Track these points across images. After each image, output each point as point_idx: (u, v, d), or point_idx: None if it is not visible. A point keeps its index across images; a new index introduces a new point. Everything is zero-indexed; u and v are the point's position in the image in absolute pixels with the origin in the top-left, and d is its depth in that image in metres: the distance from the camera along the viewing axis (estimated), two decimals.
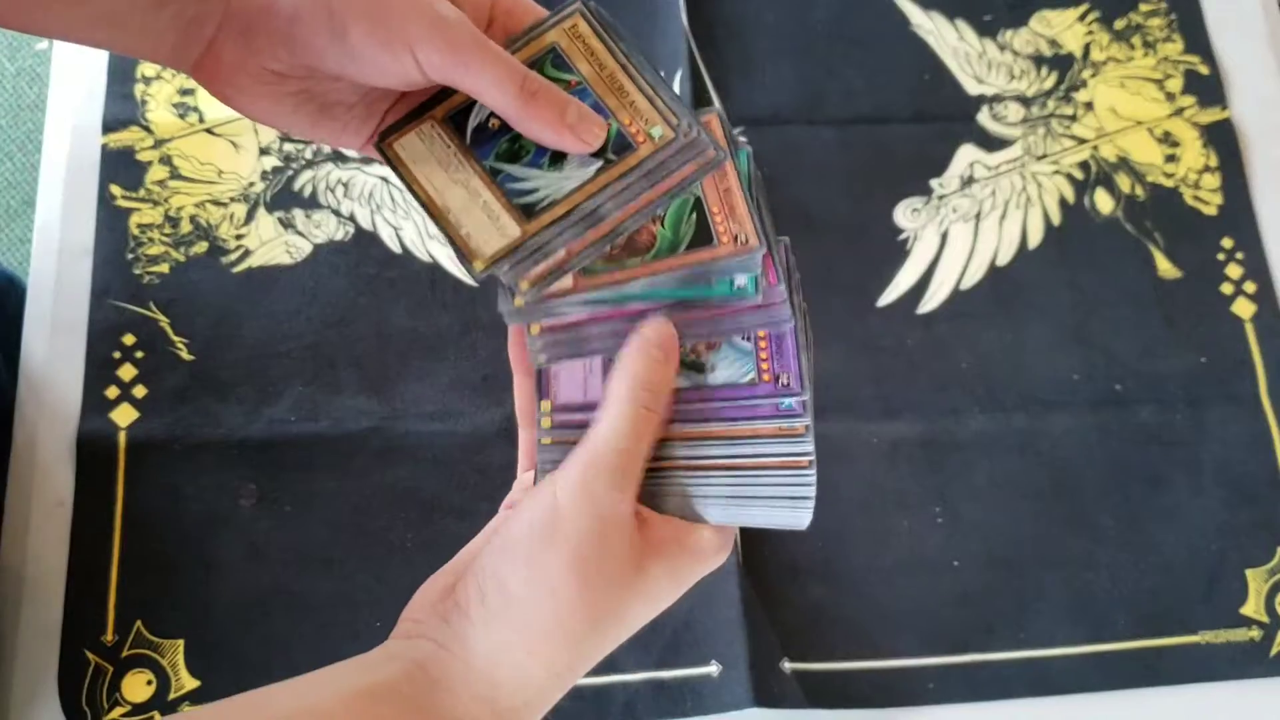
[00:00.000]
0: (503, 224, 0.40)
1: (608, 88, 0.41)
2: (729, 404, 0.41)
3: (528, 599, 0.38)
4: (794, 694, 0.61)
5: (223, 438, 0.64)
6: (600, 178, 0.40)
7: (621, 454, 0.39)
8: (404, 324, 0.67)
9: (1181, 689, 0.64)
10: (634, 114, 0.41)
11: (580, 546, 0.38)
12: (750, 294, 0.40)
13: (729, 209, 0.41)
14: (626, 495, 0.39)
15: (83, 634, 0.60)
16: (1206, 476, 0.68)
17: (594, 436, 0.39)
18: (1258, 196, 0.74)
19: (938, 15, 0.78)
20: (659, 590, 0.40)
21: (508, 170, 0.40)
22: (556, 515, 0.38)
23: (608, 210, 0.40)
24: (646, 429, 0.40)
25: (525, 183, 0.40)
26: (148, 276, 0.67)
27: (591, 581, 0.38)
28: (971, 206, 0.73)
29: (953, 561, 0.65)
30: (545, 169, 0.40)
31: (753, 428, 0.41)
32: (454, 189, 0.41)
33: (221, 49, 0.39)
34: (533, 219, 0.39)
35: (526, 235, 0.39)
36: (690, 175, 0.40)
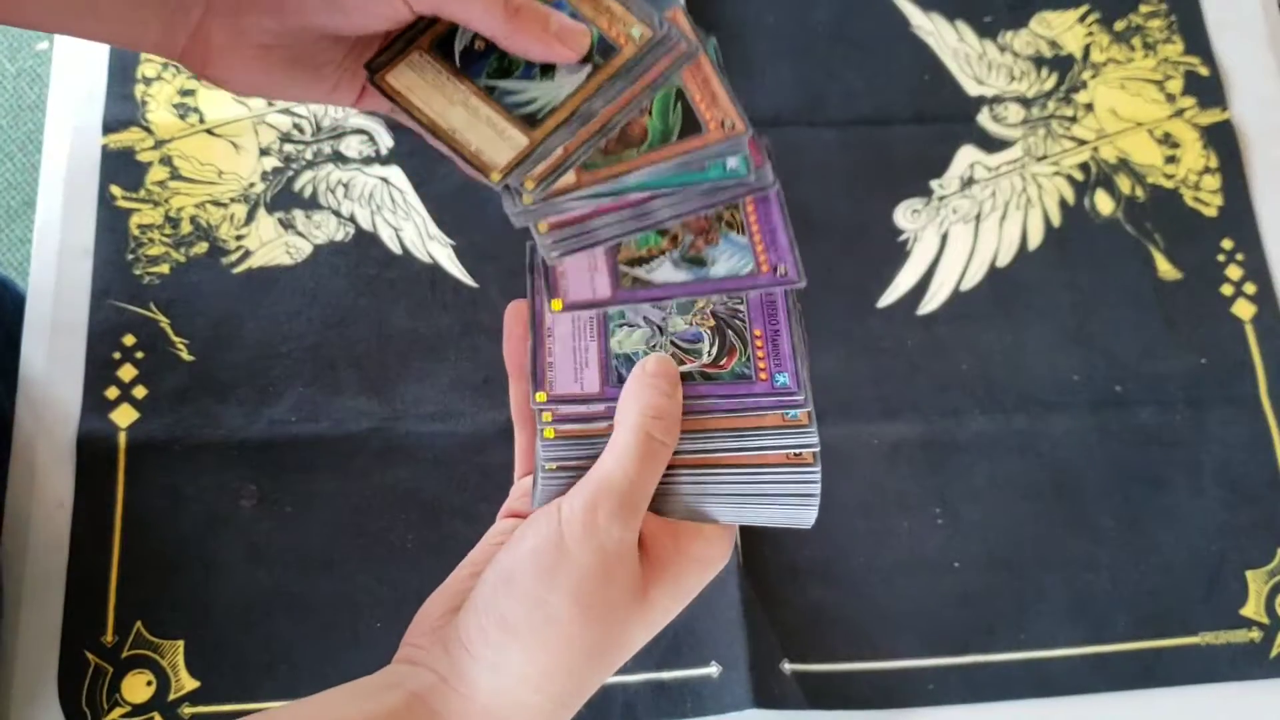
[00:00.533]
0: (509, 135, 0.41)
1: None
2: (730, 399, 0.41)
3: (530, 636, 0.37)
4: (794, 695, 0.61)
5: (223, 438, 0.64)
6: (592, 81, 0.42)
7: (630, 486, 0.38)
8: (404, 325, 0.67)
9: (1182, 690, 0.64)
10: (611, 18, 0.43)
11: (584, 581, 0.37)
12: (743, 174, 0.42)
13: (710, 97, 0.43)
14: (632, 528, 0.38)
15: (83, 635, 0.60)
16: (1206, 478, 0.68)
17: (602, 467, 0.39)
18: (1258, 198, 0.74)
19: (938, 16, 0.78)
20: (662, 613, 0.40)
21: (502, 86, 0.42)
22: (561, 549, 0.37)
23: (600, 108, 0.42)
24: (656, 462, 0.39)
25: (522, 95, 0.42)
26: (148, 277, 0.67)
27: (595, 615, 0.38)
28: (972, 207, 0.73)
29: (953, 562, 0.65)
30: (538, 80, 0.42)
31: (758, 418, 0.41)
32: (454, 109, 0.42)
33: (209, 31, 0.40)
34: (537, 126, 0.41)
35: (535, 143, 0.41)
36: (669, 67, 0.42)
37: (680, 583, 0.40)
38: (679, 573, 0.40)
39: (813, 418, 0.41)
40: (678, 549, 0.40)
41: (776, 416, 0.41)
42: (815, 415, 0.41)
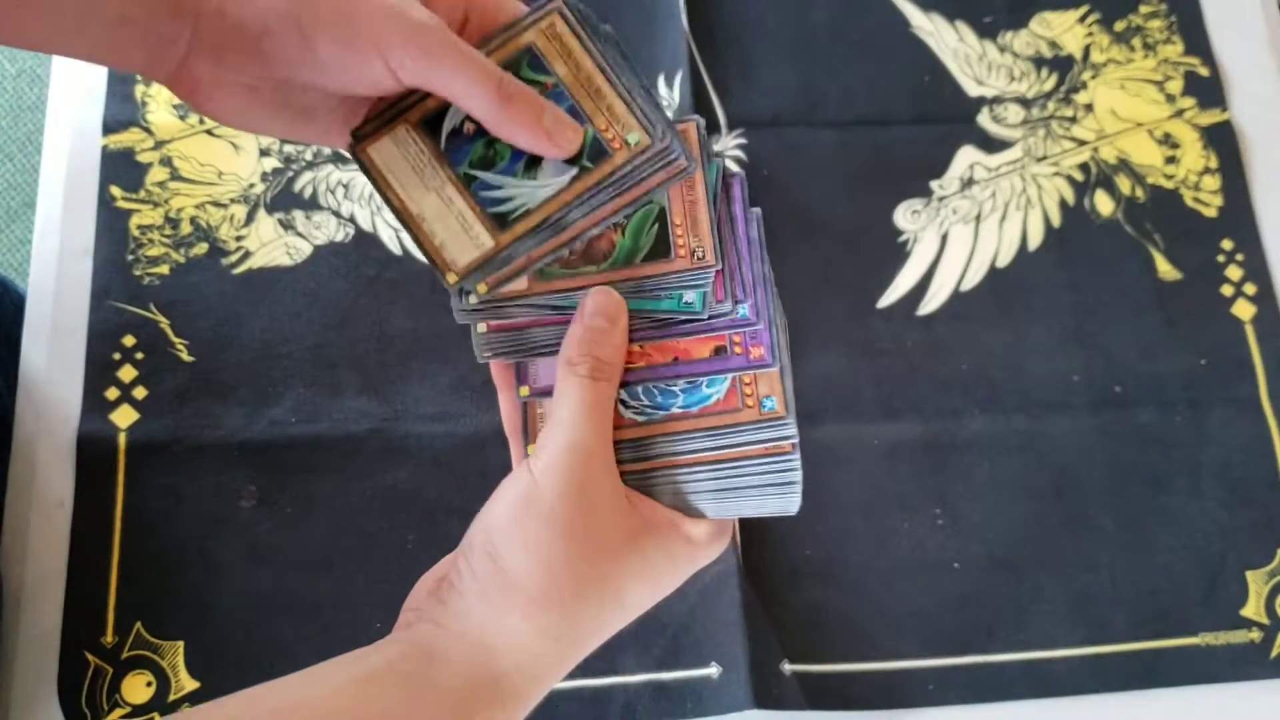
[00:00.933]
0: (476, 234, 0.40)
1: (585, 91, 0.41)
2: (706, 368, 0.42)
3: (516, 564, 0.39)
4: (794, 695, 0.61)
5: (223, 439, 0.64)
6: (575, 186, 0.40)
7: (581, 424, 0.40)
8: (404, 325, 0.67)
9: (1181, 691, 0.64)
10: (611, 119, 0.40)
11: (561, 509, 0.39)
12: (697, 310, 0.41)
13: (692, 221, 0.41)
14: (594, 458, 0.40)
15: (82, 635, 0.60)
16: (1207, 478, 0.68)
17: (552, 415, 0.41)
18: (1258, 198, 0.74)
19: (938, 17, 0.78)
20: (655, 570, 0.41)
21: (482, 178, 0.41)
22: (534, 485, 0.39)
23: (575, 218, 0.40)
24: (598, 397, 0.40)
25: (499, 191, 0.40)
26: (148, 278, 0.67)
27: (578, 542, 0.39)
28: (971, 208, 0.73)
29: (953, 563, 0.65)
30: (519, 176, 0.40)
31: (733, 415, 0.41)
32: (429, 196, 0.40)
33: (195, 65, 0.40)
34: (505, 230, 0.40)
35: (500, 247, 0.40)
36: (659, 183, 0.40)
37: (672, 550, 0.41)
38: (669, 538, 0.41)
39: (790, 409, 0.41)
40: (670, 521, 0.41)
41: (753, 411, 0.41)
42: (793, 407, 0.41)
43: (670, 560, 0.41)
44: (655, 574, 0.41)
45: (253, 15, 0.38)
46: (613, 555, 0.39)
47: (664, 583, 0.41)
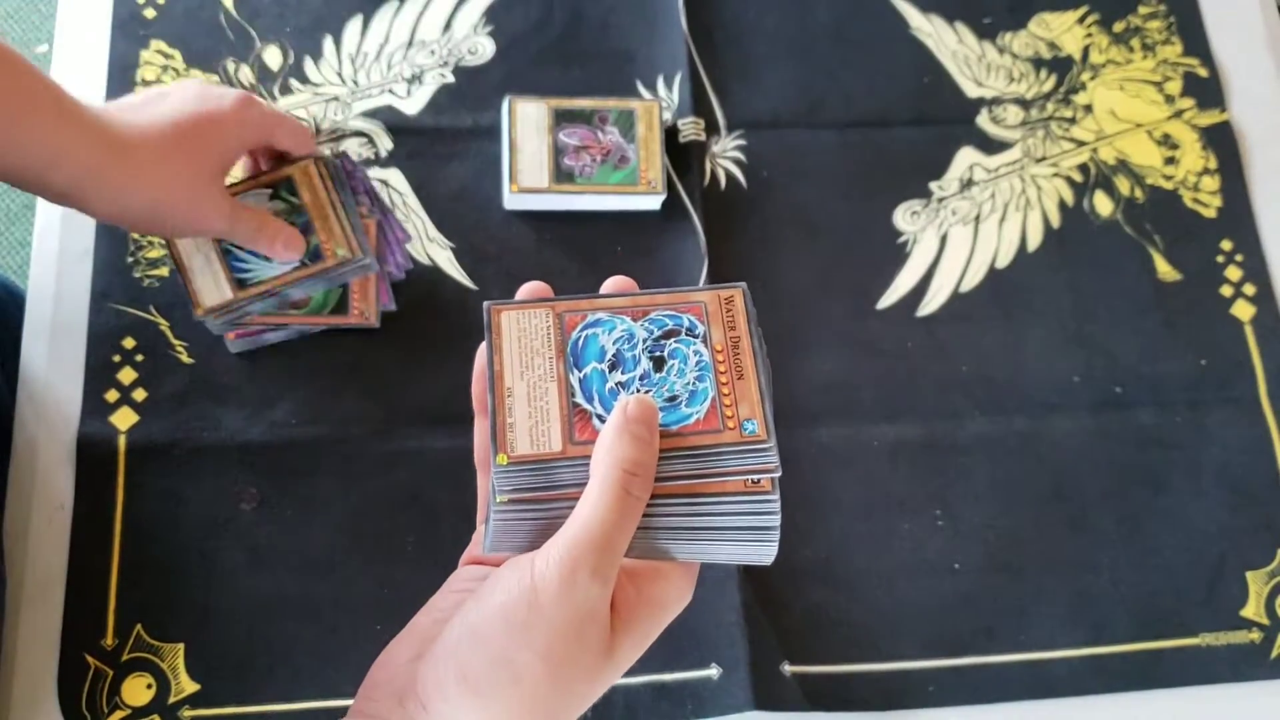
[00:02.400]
0: (223, 288, 0.63)
1: (318, 214, 0.65)
2: None
3: (493, 694, 0.37)
4: (794, 697, 0.61)
5: (223, 441, 0.64)
6: (296, 273, 0.63)
7: (608, 542, 0.37)
8: (404, 327, 0.67)
9: (1182, 691, 0.64)
10: (330, 235, 0.64)
11: (556, 642, 0.36)
12: None
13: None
14: (609, 585, 0.37)
15: (83, 638, 0.60)
16: (1207, 479, 0.68)
17: (579, 521, 0.37)
18: (1257, 199, 0.75)
19: (937, 18, 0.78)
20: (623, 663, 0.39)
21: (235, 253, 0.64)
22: (534, 606, 0.36)
23: (292, 292, 0.64)
24: (632, 515, 0.38)
25: (245, 264, 0.63)
26: (148, 280, 0.67)
27: (563, 676, 0.37)
28: (971, 209, 0.73)
29: (953, 564, 0.65)
30: (261, 259, 0.64)
31: (714, 436, 0.40)
32: (199, 254, 0.63)
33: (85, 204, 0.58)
34: (244, 289, 0.63)
35: (236, 300, 0.63)
36: (351, 277, 0.65)
37: (643, 630, 0.39)
38: (641, 620, 0.39)
39: (771, 433, 0.40)
40: (639, 594, 0.39)
41: (734, 433, 0.40)
42: (774, 433, 0.40)
43: (639, 646, 0.39)
44: (622, 666, 0.39)
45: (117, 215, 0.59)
46: (592, 675, 0.38)
47: (627, 668, 0.40)
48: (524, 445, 0.39)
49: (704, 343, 0.41)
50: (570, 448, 0.39)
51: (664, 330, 0.42)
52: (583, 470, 0.39)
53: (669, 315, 0.42)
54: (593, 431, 0.39)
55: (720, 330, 0.42)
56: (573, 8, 0.75)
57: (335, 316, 0.65)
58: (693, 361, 0.41)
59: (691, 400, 0.40)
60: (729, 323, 0.42)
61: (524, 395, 0.40)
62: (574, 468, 0.39)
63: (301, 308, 0.65)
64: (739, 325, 0.42)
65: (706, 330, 0.42)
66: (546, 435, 0.39)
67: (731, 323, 0.42)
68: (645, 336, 0.42)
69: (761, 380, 0.41)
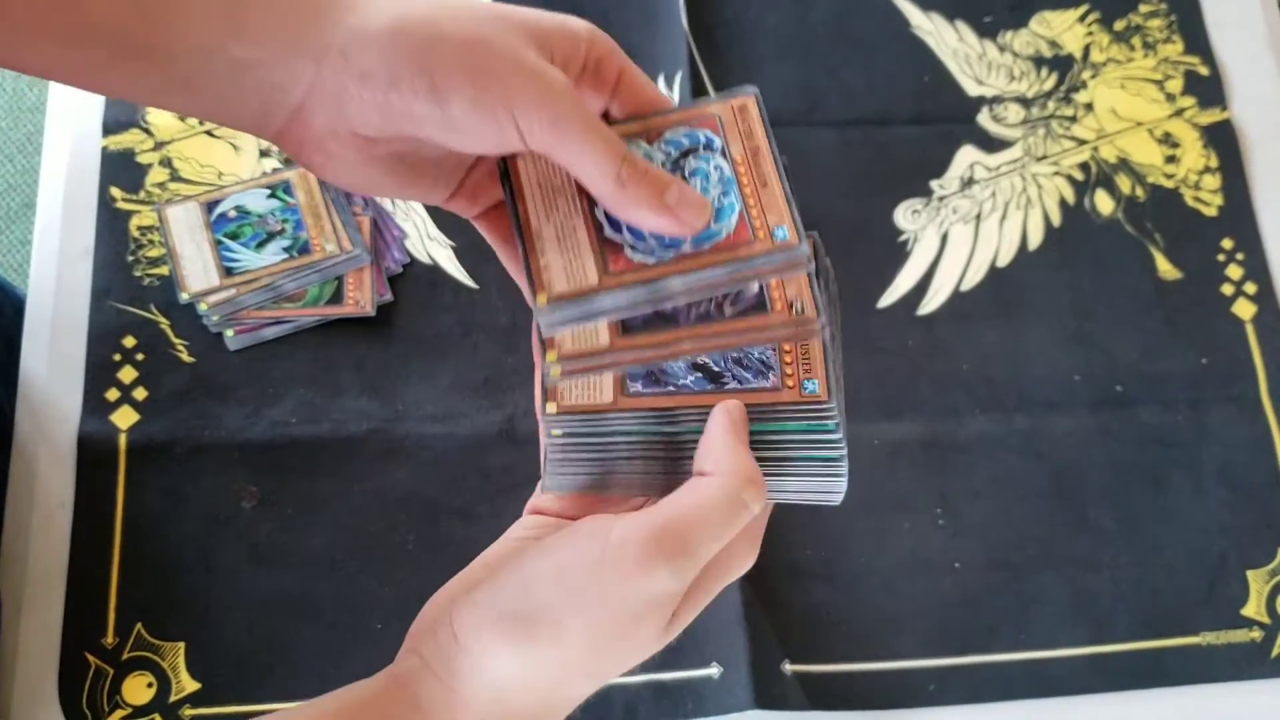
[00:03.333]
0: (211, 277, 0.62)
1: (310, 212, 0.63)
2: None
3: (531, 649, 0.36)
4: (795, 695, 0.61)
5: (223, 440, 0.64)
6: (284, 264, 0.64)
7: (698, 543, 0.35)
8: (404, 325, 0.67)
9: (1182, 690, 0.64)
10: (320, 232, 0.58)
11: (608, 620, 0.35)
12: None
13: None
14: (684, 587, 0.36)
15: (83, 636, 0.60)
16: (1207, 477, 0.68)
17: (677, 508, 0.36)
18: (1258, 197, 0.74)
19: (938, 17, 0.78)
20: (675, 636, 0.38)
21: (226, 244, 0.63)
22: (600, 578, 0.35)
23: (285, 286, 0.64)
24: (736, 526, 0.36)
25: (234, 255, 0.63)
26: (148, 279, 0.67)
27: (606, 648, 0.36)
28: (972, 208, 0.73)
29: (954, 563, 0.65)
30: (251, 250, 0.63)
31: (749, 249, 0.38)
32: (189, 243, 0.63)
33: (310, 115, 0.37)
34: (230, 278, 0.61)
35: (221, 286, 0.62)
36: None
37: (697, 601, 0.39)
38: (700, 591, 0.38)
39: (802, 236, 0.39)
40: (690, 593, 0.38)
41: (765, 242, 0.38)
42: (804, 233, 0.39)
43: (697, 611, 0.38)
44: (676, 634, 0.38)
45: (380, 64, 0.35)
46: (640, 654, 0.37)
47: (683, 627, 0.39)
48: (561, 284, 0.38)
49: (723, 156, 0.40)
50: (606, 279, 0.38)
51: (681, 150, 0.40)
52: (624, 304, 0.37)
53: (685, 134, 0.41)
54: (626, 262, 0.38)
55: (738, 142, 0.40)
56: (572, 5, 0.75)
57: (331, 307, 0.66)
58: (715, 177, 0.39)
59: (719, 216, 0.39)
60: (745, 132, 0.40)
61: (553, 237, 0.39)
62: (614, 298, 0.37)
63: (297, 301, 0.65)
64: (756, 134, 0.40)
65: (724, 143, 0.40)
66: (582, 270, 0.38)
67: (749, 131, 0.40)
68: (663, 159, 0.40)
69: (786, 187, 0.39)
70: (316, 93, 0.36)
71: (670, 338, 0.39)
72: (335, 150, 0.37)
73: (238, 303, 0.64)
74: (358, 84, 0.35)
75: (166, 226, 0.67)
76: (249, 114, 0.37)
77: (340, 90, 0.36)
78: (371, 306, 0.66)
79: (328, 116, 0.36)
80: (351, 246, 0.66)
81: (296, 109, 0.37)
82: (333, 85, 0.36)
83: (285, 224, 0.66)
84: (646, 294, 0.38)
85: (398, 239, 0.68)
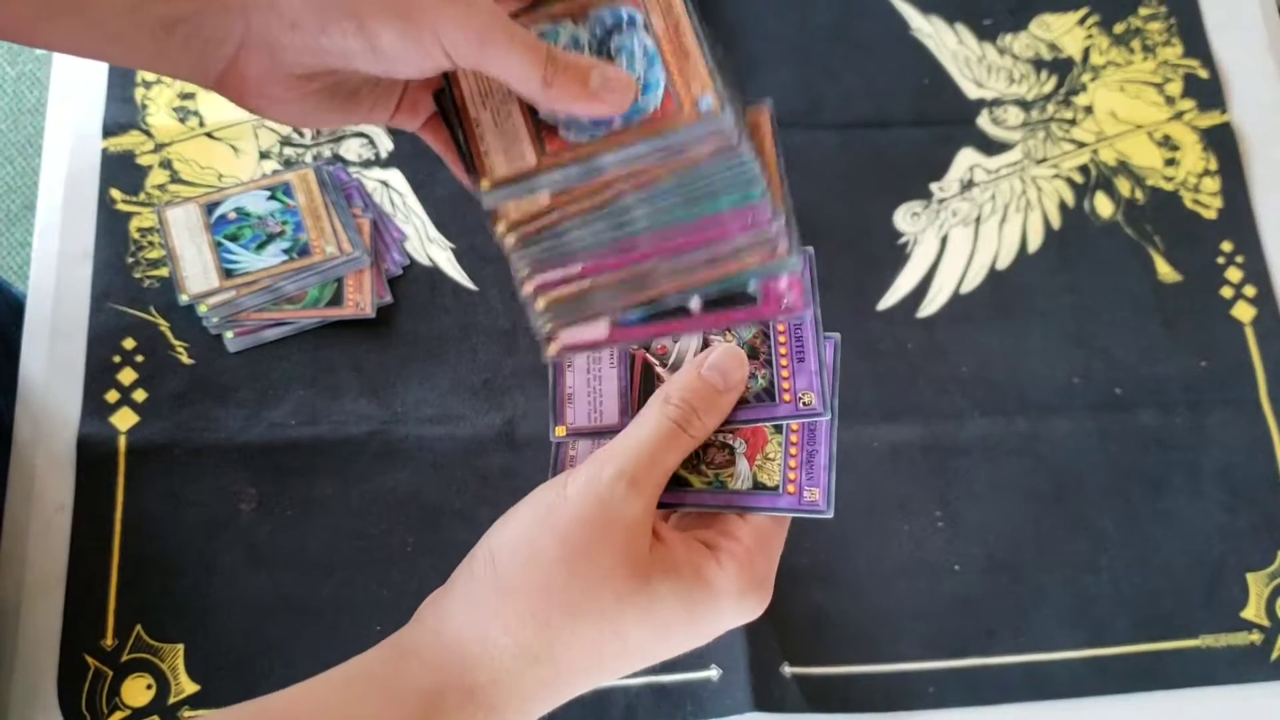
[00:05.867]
0: (210, 278, 0.63)
1: (310, 214, 0.64)
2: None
3: (514, 575, 0.38)
4: (794, 698, 0.61)
5: (223, 442, 0.64)
6: (283, 266, 0.63)
7: (638, 455, 0.39)
8: (404, 327, 0.67)
9: (1182, 693, 0.64)
10: (320, 234, 0.59)
11: (575, 526, 0.37)
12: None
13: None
14: (636, 496, 0.38)
15: (82, 638, 0.60)
16: (1207, 480, 0.68)
17: (617, 437, 0.40)
18: (1257, 200, 0.74)
19: (937, 19, 0.78)
20: (664, 614, 0.38)
21: (225, 245, 0.64)
22: (560, 498, 0.38)
23: (285, 287, 0.64)
24: (671, 442, 0.39)
25: (234, 258, 0.64)
26: (148, 280, 0.67)
27: (581, 570, 0.37)
28: (971, 210, 0.73)
29: (953, 565, 0.65)
30: (251, 252, 0.64)
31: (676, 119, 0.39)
32: (190, 246, 0.64)
33: (245, 65, 0.39)
34: (230, 279, 0.63)
35: (221, 288, 0.63)
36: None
37: (690, 596, 0.39)
38: (689, 584, 0.39)
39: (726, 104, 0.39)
40: (691, 564, 0.39)
41: (691, 112, 0.39)
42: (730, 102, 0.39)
43: (685, 607, 0.39)
44: (664, 619, 0.38)
45: (307, 12, 0.37)
46: (617, 589, 0.38)
47: (675, 631, 0.39)
48: (502, 168, 0.40)
49: (646, 31, 0.41)
50: (544, 159, 0.40)
51: (606, 29, 0.41)
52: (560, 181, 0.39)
53: (609, 11, 0.41)
54: (561, 142, 0.40)
55: (659, 15, 0.41)
56: None
57: (331, 309, 0.66)
58: (640, 53, 0.40)
59: (646, 90, 0.40)
60: (665, 6, 0.41)
61: (490, 124, 0.41)
62: (551, 177, 0.39)
63: (297, 303, 0.65)
64: (675, 6, 0.41)
65: (646, 18, 0.41)
66: (520, 154, 0.40)
67: (667, 5, 0.41)
68: (590, 39, 0.41)
69: (707, 55, 0.40)
70: (249, 44, 0.38)
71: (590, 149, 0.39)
72: (274, 92, 0.40)
73: (237, 304, 0.64)
74: (289, 33, 0.37)
75: (166, 228, 0.67)
76: (185, 65, 0.39)
77: (272, 40, 0.38)
78: (371, 308, 0.66)
79: (262, 64, 0.39)
80: (351, 248, 0.66)
81: (231, 59, 0.39)
82: (264, 36, 0.38)
83: (285, 226, 0.66)
84: (581, 171, 0.39)
85: (397, 241, 0.68)
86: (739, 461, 0.42)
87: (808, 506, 0.41)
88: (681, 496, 0.42)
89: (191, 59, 0.39)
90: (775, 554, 0.42)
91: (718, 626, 0.40)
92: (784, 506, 0.41)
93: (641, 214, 0.40)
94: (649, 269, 0.41)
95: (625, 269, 0.41)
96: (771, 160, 0.42)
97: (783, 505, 0.41)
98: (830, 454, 0.41)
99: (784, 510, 0.41)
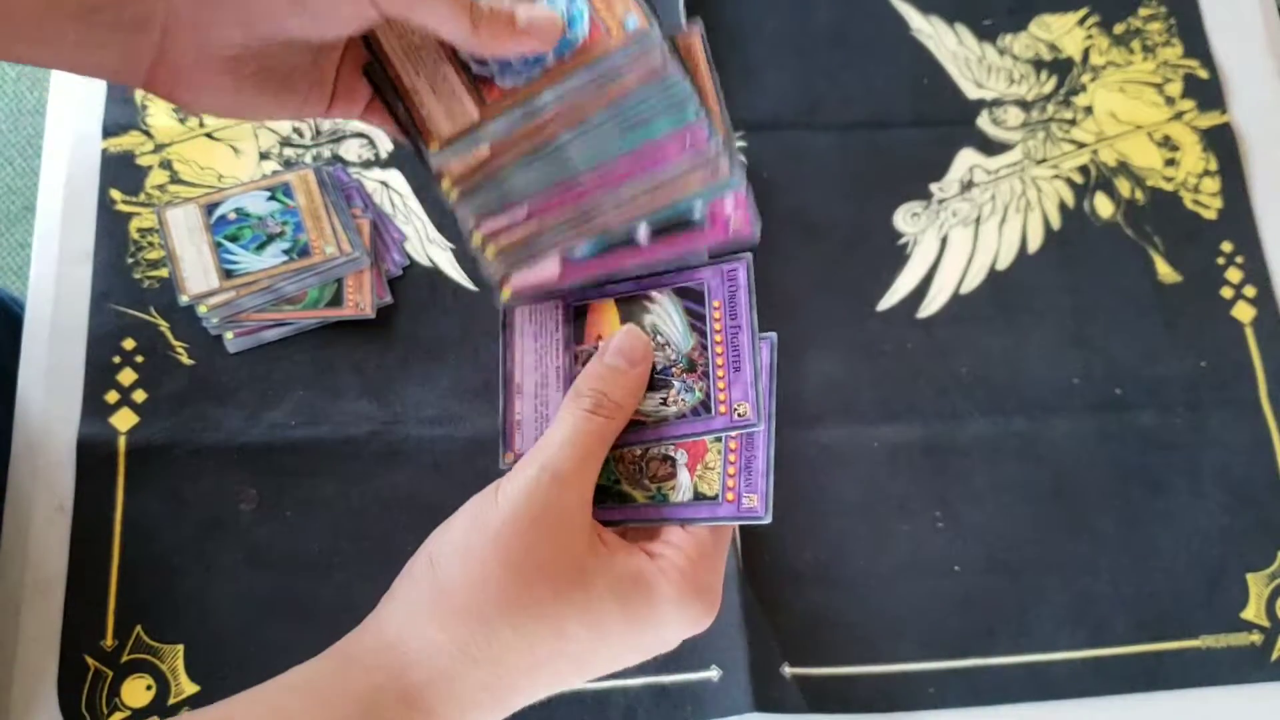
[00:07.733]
0: (211, 280, 0.63)
1: (310, 215, 0.61)
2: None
3: (450, 575, 0.38)
4: (794, 699, 0.61)
5: (223, 442, 0.64)
6: (283, 266, 0.62)
7: (559, 450, 0.39)
8: (404, 328, 0.67)
9: (1182, 693, 0.64)
10: (320, 235, 0.58)
11: (508, 528, 0.38)
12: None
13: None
14: (563, 489, 0.39)
15: (82, 639, 0.60)
16: (1207, 480, 0.68)
17: (540, 440, 0.41)
18: (1257, 200, 0.74)
19: (937, 20, 0.78)
20: (605, 614, 0.38)
21: (226, 246, 0.64)
22: (491, 501, 0.39)
23: (285, 288, 0.63)
24: (590, 430, 0.40)
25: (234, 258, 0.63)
26: (148, 281, 0.67)
27: (516, 564, 0.38)
28: (971, 211, 0.73)
29: (953, 566, 0.65)
30: (250, 252, 0.63)
31: (604, 47, 0.40)
32: (190, 246, 0.63)
33: (172, 52, 0.39)
34: (229, 280, 0.62)
35: (222, 288, 0.63)
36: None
37: (628, 600, 0.39)
38: (627, 586, 0.39)
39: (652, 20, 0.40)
40: (636, 569, 0.39)
41: (619, 36, 0.40)
42: (655, 17, 0.40)
43: (622, 606, 0.39)
44: (602, 619, 0.38)
45: None
46: (554, 586, 0.38)
47: (614, 633, 0.39)
48: (446, 128, 0.41)
49: None
50: (485, 110, 0.41)
51: None
52: (504, 128, 0.40)
53: None
54: (499, 91, 0.40)
55: None
56: None
57: (331, 310, 0.66)
58: None
59: (572, 23, 0.40)
60: None
61: (427, 89, 0.41)
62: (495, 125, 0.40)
63: (297, 304, 0.65)
64: None
65: None
66: (462, 110, 0.41)
67: None
68: None
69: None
70: (173, 25, 0.38)
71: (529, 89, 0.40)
72: (205, 81, 0.39)
73: (237, 305, 0.64)
74: (213, 7, 0.37)
75: (166, 229, 0.67)
76: (111, 59, 0.38)
77: (197, 16, 0.38)
78: (371, 309, 0.66)
79: (190, 47, 0.38)
80: (351, 249, 0.66)
81: (159, 48, 0.38)
82: (189, 14, 0.38)
83: (285, 226, 0.66)
84: (523, 113, 0.40)
85: (398, 241, 0.68)
86: (680, 473, 0.42)
87: (746, 513, 0.41)
88: (623, 512, 0.43)
89: (118, 50, 0.38)
90: (718, 562, 0.42)
91: (660, 633, 0.40)
92: (723, 515, 0.41)
93: (578, 149, 0.41)
94: (593, 203, 0.41)
95: (569, 206, 0.41)
96: (706, 82, 0.42)
97: (722, 514, 0.41)
98: (768, 460, 0.41)
99: (723, 519, 0.41)
